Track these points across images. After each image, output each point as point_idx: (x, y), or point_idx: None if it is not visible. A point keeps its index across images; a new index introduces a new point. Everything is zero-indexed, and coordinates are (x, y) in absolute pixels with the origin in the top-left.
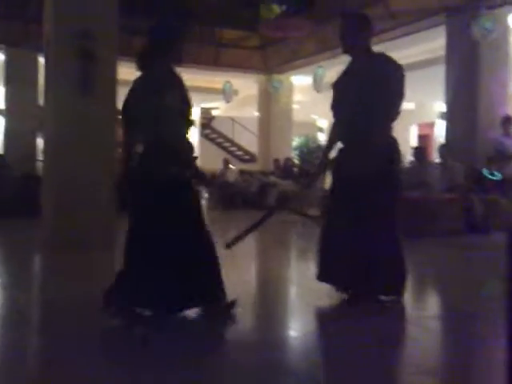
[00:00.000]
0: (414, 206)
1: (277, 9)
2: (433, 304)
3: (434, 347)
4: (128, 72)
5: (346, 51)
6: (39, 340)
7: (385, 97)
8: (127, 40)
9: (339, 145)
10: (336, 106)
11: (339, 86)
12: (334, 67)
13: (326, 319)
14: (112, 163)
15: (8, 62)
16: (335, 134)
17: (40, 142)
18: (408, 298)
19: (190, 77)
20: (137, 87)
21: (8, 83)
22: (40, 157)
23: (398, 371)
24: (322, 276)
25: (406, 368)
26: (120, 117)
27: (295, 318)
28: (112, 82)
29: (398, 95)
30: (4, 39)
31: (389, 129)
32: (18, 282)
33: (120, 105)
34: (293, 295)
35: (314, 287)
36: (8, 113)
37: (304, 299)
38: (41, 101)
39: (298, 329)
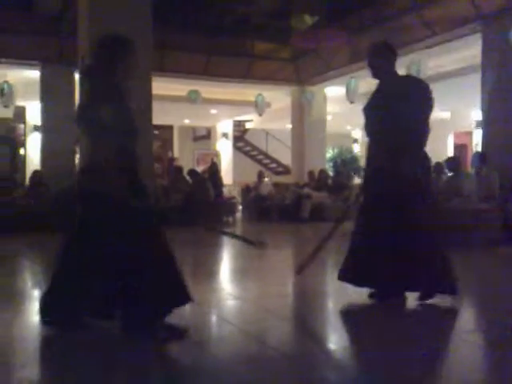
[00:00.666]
0: (451, 217)
1: (309, 20)
2: (473, 316)
3: (474, 361)
4: (162, 87)
5: (374, 76)
6: (82, 352)
7: (410, 115)
8: (161, 55)
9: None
10: (367, 128)
11: (368, 110)
12: (367, 78)
13: (365, 332)
14: (150, 177)
15: (44, 79)
16: (371, 153)
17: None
18: (447, 310)
19: (222, 90)
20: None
21: (44, 99)
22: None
23: None
24: (349, 277)
25: (446, 381)
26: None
27: (333, 330)
28: (147, 97)
29: (424, 113)
30: (39, 56)
31: (418, 144)
32: None
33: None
34: (331, 308)
35: (353, 301)
36: (44, 129)
37: (343, 312)
38: None
39: (336, 341)
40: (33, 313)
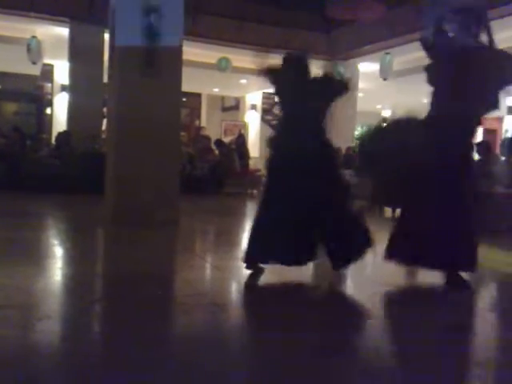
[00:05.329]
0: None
1: None
2: (494, 297)
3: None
4: (191, 52)
5: None
6: (101, 308)
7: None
8: (192, 19)
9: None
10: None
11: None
12: (403, 54)
13: (392, 302)
14: (176, 143)
15: (72, 37)
16: None
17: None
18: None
19: (250, 59)
20: None
21: (72, 59)
22: (103, 134)
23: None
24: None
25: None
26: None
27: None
28: (177, 61)
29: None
30: (68, 13)
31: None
32: (84, 256)
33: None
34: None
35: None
36: (72, 89)
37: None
38: (105, 78)
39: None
40: (54, 267)
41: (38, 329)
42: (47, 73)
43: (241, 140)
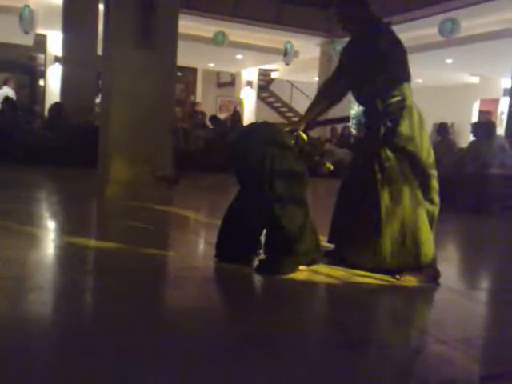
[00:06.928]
0: (469, 182)
1: None
2: (488, 278)
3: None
4: (187, 26)
5: None
6: (93, 280)
7: None
8: None
9: None
10: None
11: None
12: (400, 33)
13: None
14: (170, 118)
15: (66, 7)
16: None
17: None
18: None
19: (249, 34)
20: None
21: (66, 29)
22: (97, 107)
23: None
24: None
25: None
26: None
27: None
28: (173, 34)
29: None
30: None
31: None
32: (76, 229)
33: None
34: None
35: None
36: (66, 61)
37: None
38: (100, 50)
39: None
40: (47, 238)
41: (30, 299)
42: (40, 43)
43: (237, 117)
